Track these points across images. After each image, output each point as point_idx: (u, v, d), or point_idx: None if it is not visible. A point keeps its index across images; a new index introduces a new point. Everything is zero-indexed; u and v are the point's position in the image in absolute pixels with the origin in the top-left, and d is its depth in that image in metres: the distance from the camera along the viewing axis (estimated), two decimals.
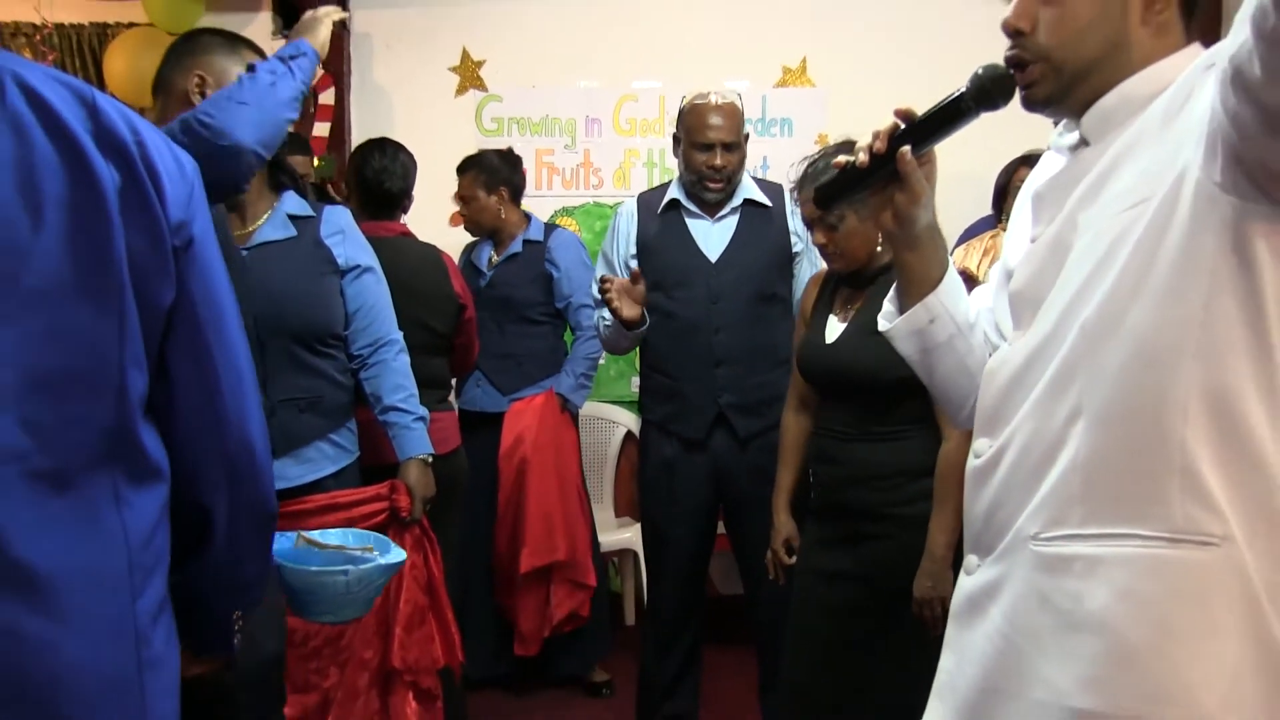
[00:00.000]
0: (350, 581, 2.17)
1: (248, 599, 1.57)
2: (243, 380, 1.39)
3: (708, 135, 3.04)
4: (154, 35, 4.51)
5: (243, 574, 1.51)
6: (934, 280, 1.50)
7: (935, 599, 2.27)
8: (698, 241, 3.11)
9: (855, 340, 2.43)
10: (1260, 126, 1.04)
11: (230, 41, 2.03)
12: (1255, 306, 1.13)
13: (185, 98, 1.95)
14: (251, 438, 1.41)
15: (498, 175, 3.84)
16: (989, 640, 1.30)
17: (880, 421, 2.40)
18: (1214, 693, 1.13)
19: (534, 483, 3.66)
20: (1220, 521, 1.15)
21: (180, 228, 1.27)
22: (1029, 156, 3.95)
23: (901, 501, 2.36)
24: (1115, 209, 1.22)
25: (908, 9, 4.63)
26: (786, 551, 2.66)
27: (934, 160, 1.48)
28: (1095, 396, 1.21)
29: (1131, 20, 1.27)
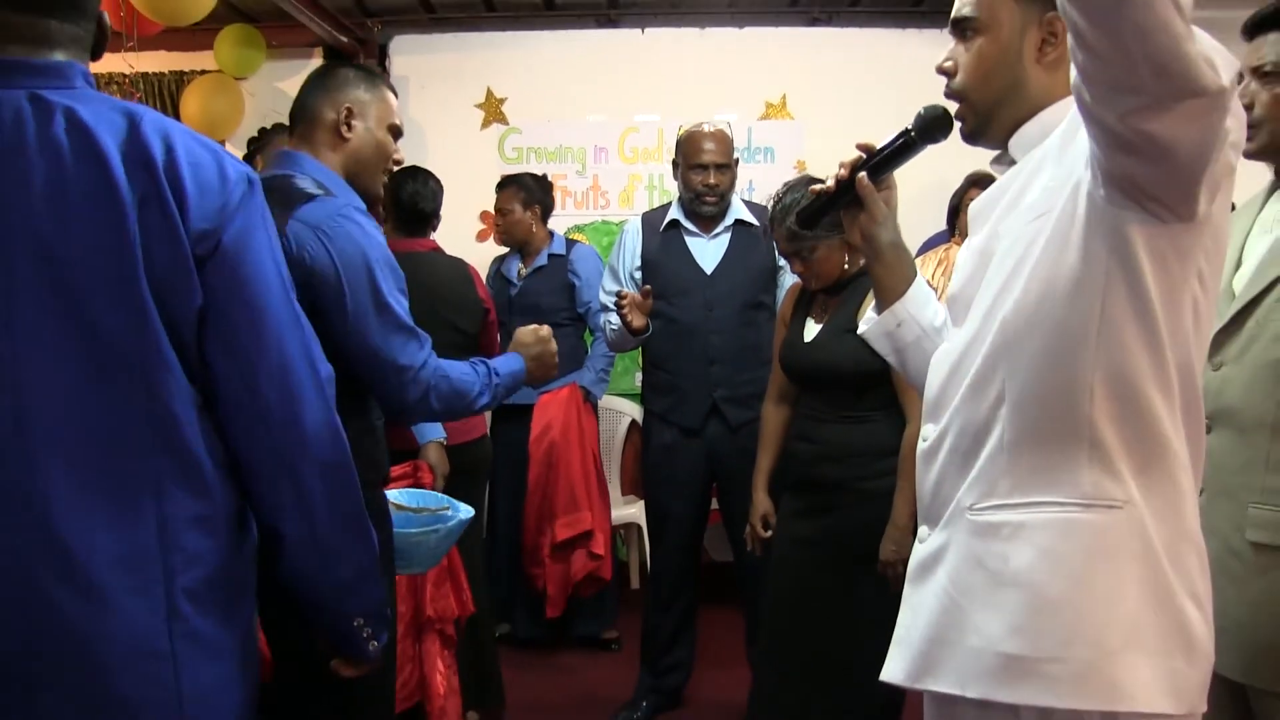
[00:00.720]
0: (440, 538, 2.17)
1: (357, 605, 1.42)
2: (290, 375, 1.28)
3: (702, 157, 3.09)
4: (223, 81, 4.56)
5: (337, 576, 1.37)
6: (900, 290, 1.52)
7: (898, 561, 2.27)
8: (695, 257, 3.14)
9: (830, 339, 2.46)
10: (1103, 145, 1.07)
11: (370, 77, 1.96)
12: (1142, 300, 1.15)
13: (334, 126, 1.88)
14: (304, 433, 1.29)
15: (533, 194, 3.87)
16: (935, 597, 1.31)
17: (851, 407, 2.42)
18: (1118, 633, 1.16)
19: (561, 464, 3.69)
20: (1124, 487, 1.18)
21: (205, 236, 1.20)
22: (979, 179, 3.97)
23: (868, 476, 2.37)
24: (1026, 219, 1.24)
25: (875, 51, 4.65)
26: (763, 526, 2.69)
27: (894, 187, 1.52)
28: (1015, 383, 1.23)
29: (1027, 61, 1.30)
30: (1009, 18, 1.30)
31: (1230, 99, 1.00)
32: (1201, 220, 1.12)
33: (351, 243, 1.72)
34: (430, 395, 1.79)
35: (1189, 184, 1.07)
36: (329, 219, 1.72)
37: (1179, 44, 0.94)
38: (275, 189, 1.75)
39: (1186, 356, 1.19)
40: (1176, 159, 1.03)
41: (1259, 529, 1.59)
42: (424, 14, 4.70)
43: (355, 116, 1.90)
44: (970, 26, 1.33)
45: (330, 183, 1.83)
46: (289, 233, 1.68)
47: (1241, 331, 1.64)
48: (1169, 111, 0.98)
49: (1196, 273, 1.16)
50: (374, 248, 1.75)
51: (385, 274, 1.75)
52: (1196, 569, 1.21)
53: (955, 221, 4.05)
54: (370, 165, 1.93)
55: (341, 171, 1.89)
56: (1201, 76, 0.96)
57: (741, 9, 4.68)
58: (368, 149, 1.91)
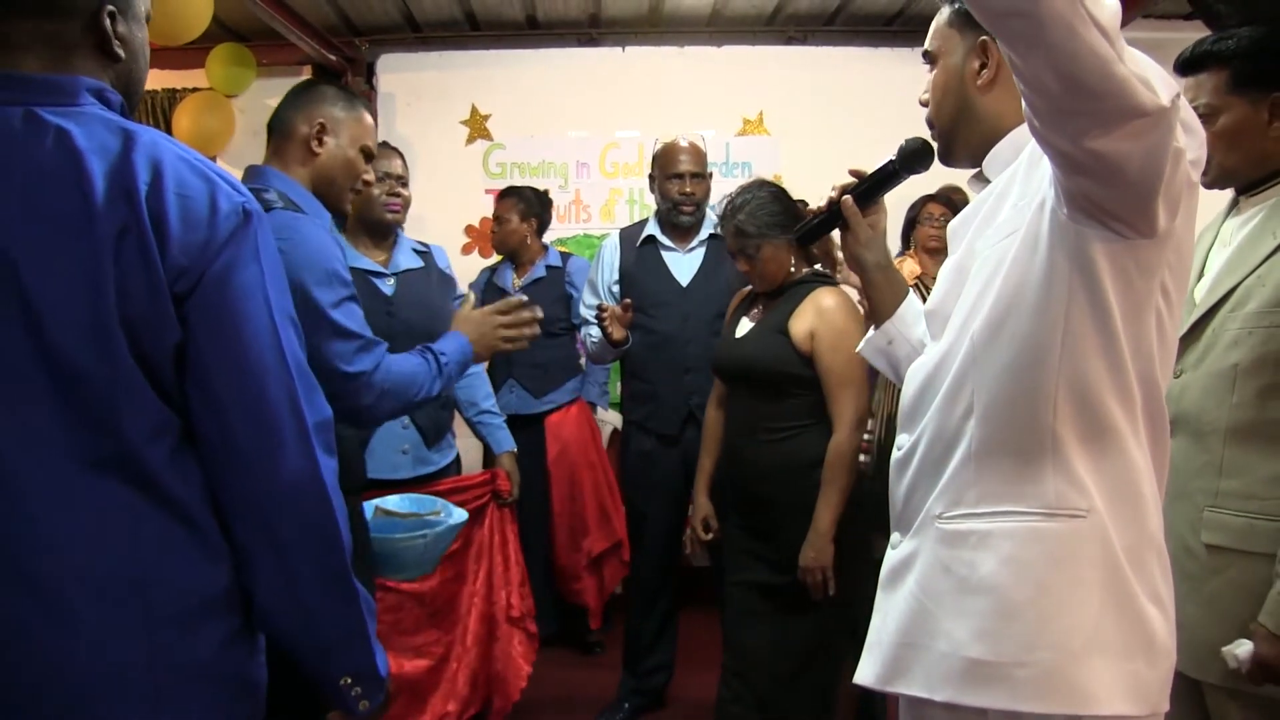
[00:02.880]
0: (428, 543, 2.17)
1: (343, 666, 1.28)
2: (268, 421, 1.17)
3: (679, 166, 3.11)
4: (215, 98, 4.54)
5: (319, 636, 1.25)
6: (890, 309, 1.57)
7: (817, 568, 2.28)
8: (671, 270, 3.15)
9: (758, 336, 2.45)
10: (1058, 166, 1.08)
11: (348, 96, 1.95)
12: (1104, 314, 1.16)
13: (305, 141, 1.88)
14: (281, 483, 1.17)
15: (532, 207, 3.88)
16: (905, 602, 1.32)
17: (775, 417, 2.39)
18: (1079, 637, 1.17)
19: (586, 482, 3.75)
20: (1086, 497, 1.19)
21: (184, 273, 1.11)
22: (934, 194, 4.01)
23: (808, 490, 2.33)
24: (997, 238, 1.26)
25: (849, 70, 4.67)
26: (704, 529, 2.68)
27: (882, 212, 1.57)
28: (983, 396, 1.24)
29: (968, 85, 1.33)
30: (953, 47, 1.35)
31: (1173, 116, 1.01)
32: (1164, 236, 1.12)
33: (292, 253, 1.68)
34: (384, 398, 1.79)
35: (1144, 201, 1.07)
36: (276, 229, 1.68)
37: (1107, 67, 0.94)
38: None
39: (1149, 368, 1.20)
40: (1127, 177, 1.04)
41: (1213, 531, 1.62)
42: (410, 33, 4.69)
43: (327, 133, 1.89)
44: (930, 58, 1.38)
45: (295, 196, 1.83)
46: None
47: (1200, 340, 1.67)
48: (1111, 133, 0.99)
49: (1160, 287, 1.17)
50: (318, 259, 1.73)
51: (325, 286, 1.73)
52: (1158, 572, 1.22)
53: (910, 235, 4.08)
54: (338, 182, 1.92)
55: (309, 186, 1.89)
56: (1136, 96, 0.96)
57: (720, 28, 4.70)
58: (336, 165, 1.91)
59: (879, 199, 1.55)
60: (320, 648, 1.26)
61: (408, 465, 2.64)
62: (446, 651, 2.68)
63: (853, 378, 2.32)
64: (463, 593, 2.70)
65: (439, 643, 2.68)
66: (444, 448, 2.73)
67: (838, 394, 2.33)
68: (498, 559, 2.74)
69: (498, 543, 2.75)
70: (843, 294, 2.40)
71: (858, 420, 2.32)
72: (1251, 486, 1.59)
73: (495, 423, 2.87)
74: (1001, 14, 0.96)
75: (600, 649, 3.91)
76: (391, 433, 2.61)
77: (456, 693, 2.67)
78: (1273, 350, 1.57)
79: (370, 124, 1.98)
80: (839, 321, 2.33)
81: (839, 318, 2.33)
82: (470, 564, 2.73)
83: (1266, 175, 1.70)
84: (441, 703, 2.66)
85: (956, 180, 3.99)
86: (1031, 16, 0.93)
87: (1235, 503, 1.60)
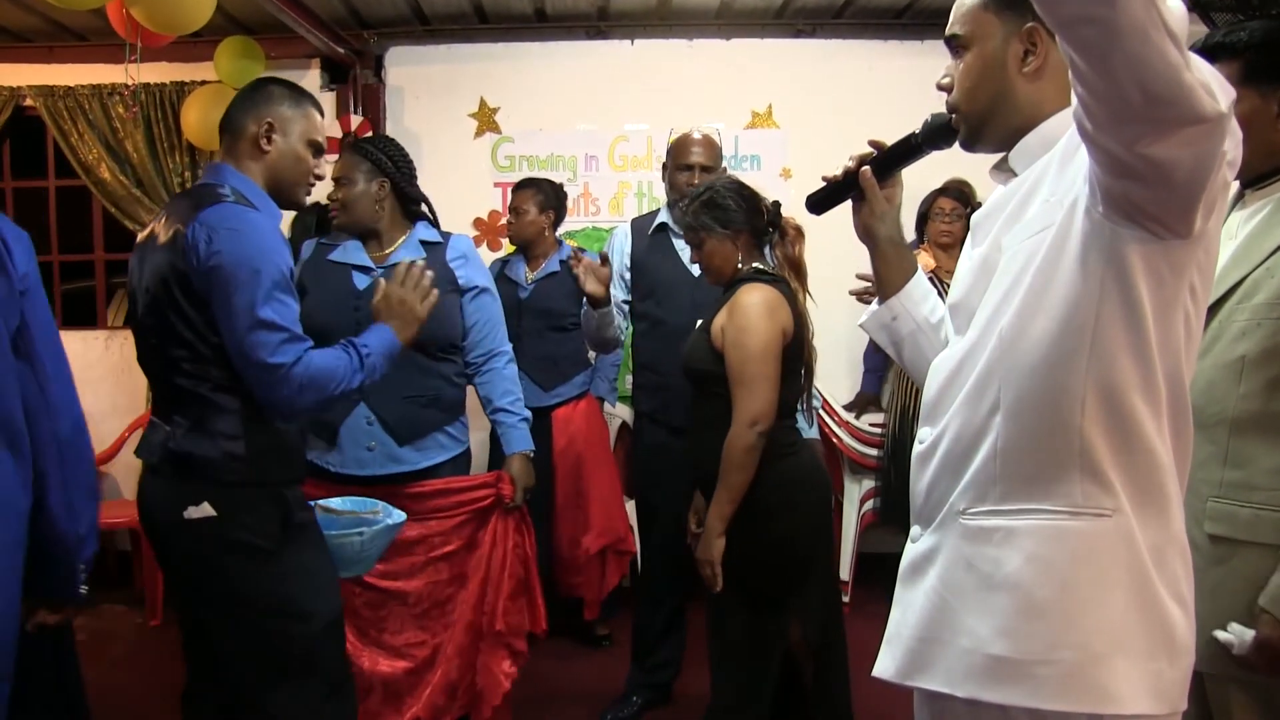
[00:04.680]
0: (364, 541, 2.18)
1: (86, 553, 1.80)
2: (68, 381, 1.80)
3: (689, 158, 3.10)
4: (223, 91, 4.51)
5: (77, 530, 1.76)
6: (898, 285, 1.55)
7: (705, 561, 2.31)
8: (683, 259, 3.11)
9: (695, 334, 2.46)
10: (1104, 168, 1.06)
11: (295, 95, 2.02)
12: (1135, 313, 1.15)
13: (254, 140, 1.96)
14: (80, 423, 1.80)
15: (549, 200, 3.85)
16: (926, 597, 1.31)
17: (709, 415, 2.38)
18: (1103, 637, 1.16)
19: (590, 476, 3.73)
20: (1112, 496, 1.18)
21: (25, 277, 1.72)
22: (946, 188, 4.00)
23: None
24: (1025, 234, 1.25)
25: (858, 62, 4.66)
26: (695, 522, 2.68)
27: (899, 186, 1.56)
28: (1010, 393, 1.23)
29: (1011, 72, 1.30)
30: (992, 32, 1.31)
31: (1229, 123, 1.00)
32: (1198, 236, 1.11)
33: (231, 245, 1.80)
34: (301, 392, 1.85)
35: (1188, 204, 1.06)
36: (221, 220, 1.82)
37: (1176, 74, 0.93)
38: (194, 194, 1.89)
39: (1176, 367, 1.19)
40: (1175, 181, 1.03)
41: (1216, 522, 1.62)
42: (419, 26, 4.68)
43: (275, 131, 1.97)
44: (959, 43, 1.34)
45: (246, 190, 1.92)
46: (188, 235, 1.80)
47: (1206, 332, 1.66)
48: (1169, 138, 0.98)
49: (1189, 286, 1.16)
50: (252, 252, 1.82)
51: (257, 278, 1.81)
52: (1181, 571, 1.21)
53: (923, 228, 4.07)
54: (288, 178, 2.00)
55: (262, 182, 1.97)
56: (1201, 104, 0.95)
57: (728, 21, 4.67)
58: (286, 162, 1.99)
59: (897, 173, 1.54)
60: (75, 541, 1.79)
61: (376, 462, 2.56)
62: (432, 655, 2.61)
63: (750, 376, 2.28)
64: (457, 597, 2.62)
65: (424, 645, 2.61)
66: (427, 447, 2.61)
67: (735, 391, 2.30)
68: (495, 567, 2.63)
69: (497, 551, 2.64)
70: (766, 291, 2.34)
71: (752, 419, 2.27)
72: (1256, 477, 1.59)
73: (509, 422, 2.74)
74: (1073, 20, 0.94)
75: (608, 642, 3.91)
76: (356, 428, 2.55)
77: (433, 700, 2.59)
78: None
79: (318, 120, 2.05)
80: (743, 319, 2.30)
81: (745, 315, 2.30)
82: (470, 569, 2.64)
83: (1273, 168, 1.69)
84: (416, 708, 2.57)
85: (961, 172, 3.98)
86: (1107, 24, 0.91)
87: (1240, 493, 1.61)
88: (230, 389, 1.88)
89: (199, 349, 1.86)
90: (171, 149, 4.67)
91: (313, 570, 2.00)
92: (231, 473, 1.88)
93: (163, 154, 4.68)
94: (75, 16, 4.35)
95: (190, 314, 1.84)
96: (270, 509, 1.93)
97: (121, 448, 4.60)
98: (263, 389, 1.86)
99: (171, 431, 1.90)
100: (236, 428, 1.89)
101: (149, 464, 1.96)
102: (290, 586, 1.93)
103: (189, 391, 1.89)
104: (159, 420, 1.95)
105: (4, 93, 4.70)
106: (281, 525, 1.94)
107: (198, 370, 1.87)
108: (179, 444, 1.88)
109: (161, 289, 1.86)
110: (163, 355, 1.90)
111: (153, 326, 1.90)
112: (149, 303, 1.89)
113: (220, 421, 1.88)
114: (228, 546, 1.88)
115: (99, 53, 4.63)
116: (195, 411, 1.89)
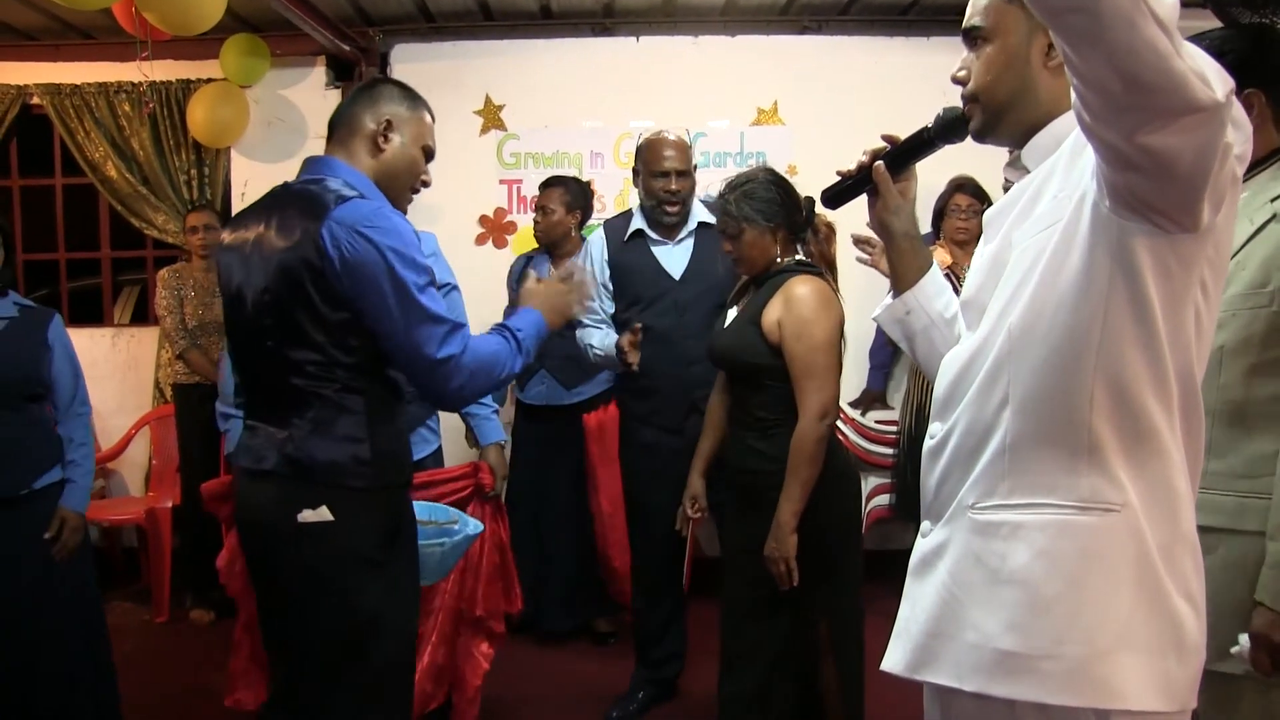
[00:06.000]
0: (445, 551, 2.19)
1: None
2: None
3: (664, 164, 3.05)
4: (228, 89, 4.55)
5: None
6: (912, 279, 1.56)
7: (779, 558, 2.27)
8: (662, 263, 3.11)
9: (736, 327, 2.45)
10: (1107, 161, 1.06)
11: (411, 96, 1.98)
12: (1144, 308, 1.14)
13: (371, 136, 1.90)
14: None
15: (577, 199, 3.85)
16: (935, 592, 1.31)
17: (758, 408, 2.39)
18: (1109, 633, 1.15)
19: None
20: (1121, 492, 1.17)
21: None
22: (962, 183, 3.98)
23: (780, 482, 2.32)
24: (1035, 230, 1.24)
25: (863, 59, 4.65)
26: (692, 507, 2.67)
27: (913, 179, 1.56)
28: (1019, 388, 1.23)
29: (1035, 65, 1.30)
30: (1015, 24, 1.30)
31: (1226, 112, 0.99)
32: (1206, 230, 1.11)
33: (379, 241, 1.73)
34: (470, 382, 1.83)
35: (1192, 196, 1.06)
36: (364, 219, 1.75)
37: (1166, 62, 0.93)
38: (309, 192, 1.80)
39: (1187, 363, 1.18)
40: (1178, 173, 1.02)
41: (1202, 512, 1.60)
42: (424, 23, 4.68)
43: (394, 130, 1.91)
44: (979, 35, 1.33)
45: (362, 186, 1.84)
46: (324, 235, 1.71)
47: None
48: (1165, 128, 0.97)
49: (1199, 281, 1.16)
50: (400, 245, 1.76)
51: (410, 270, 1.75)
52: (1191, 569, 1.20)
53: (940, 224, 4.05)
54: (400, 179, 1.94)
55: (374, 179, 1.90)
56: (1194, 92, 0.95)
57: (733, 18, 4.67)
58: (401, 163, 1.93)
59: (910, 166, 1.54)
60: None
61: None
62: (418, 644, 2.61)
63: (816, 367, 2.29)
64: (436, 587, 2.64)
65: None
66: (416, 441, 2.66)
67: (801, 384, 2.31)
68: (473, 554, 2.67)
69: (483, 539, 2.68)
70: (817, 283, 2.36)
71: (822, 411, 2.28)
72: (1240, 466, 1.61)
73: (482, 414, 2.80)
74: (1061, 9, 0.94)
75: (613, 640, 3.91)
76: None
77: (422, 686, 2.59)
78: (1257, 331, 1.60)
79: (431, 124, 2.00)
80: (804, 311, 2.30)
81: (805, 307, 2.30)
82: None
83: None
84: None
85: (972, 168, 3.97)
86: (1092, 12, 0.91)
87: (1225, 483, 1.62)
88: (356, 390, 1.81)
89: (329, 350, 1.78)
90: (178, 147, 4.69)
91: (406, 587, 1.94)
92: (357, 477, 1.81)
93: (169, 151, 4.69)
94: (82, 15, 4.36)
95: (325, 314, 1.76)
96: (383, 517, 1.86)
97: (128, 445, 4.62)
98: (434, 383, 1.81)
99: (290, 435, 1.80)
100: (362, 430, 1.81)
101: (254, 470, 1.86)
102: (388, 602, 1.85)
103: (310, 393, 1.80)
104: (261, 423, 1.87)
105: (11, 91, 4.72)
106: (391, 536, 1.88)
107: (323, 372, 1.79)
108: (299, 447, 1.79)
109: (289, 289, 1.76)
110: (281, 357, 1.80)
111: (272, 328, 1.80)
112: (267, 303, 1.80)
113: (346, 424, 1.80)
114: (337, 555, 1.80)
115: (106, 51, 4.65)
116: (317, 414, 1.80)
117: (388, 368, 1.85)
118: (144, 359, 4.87)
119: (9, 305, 2.62)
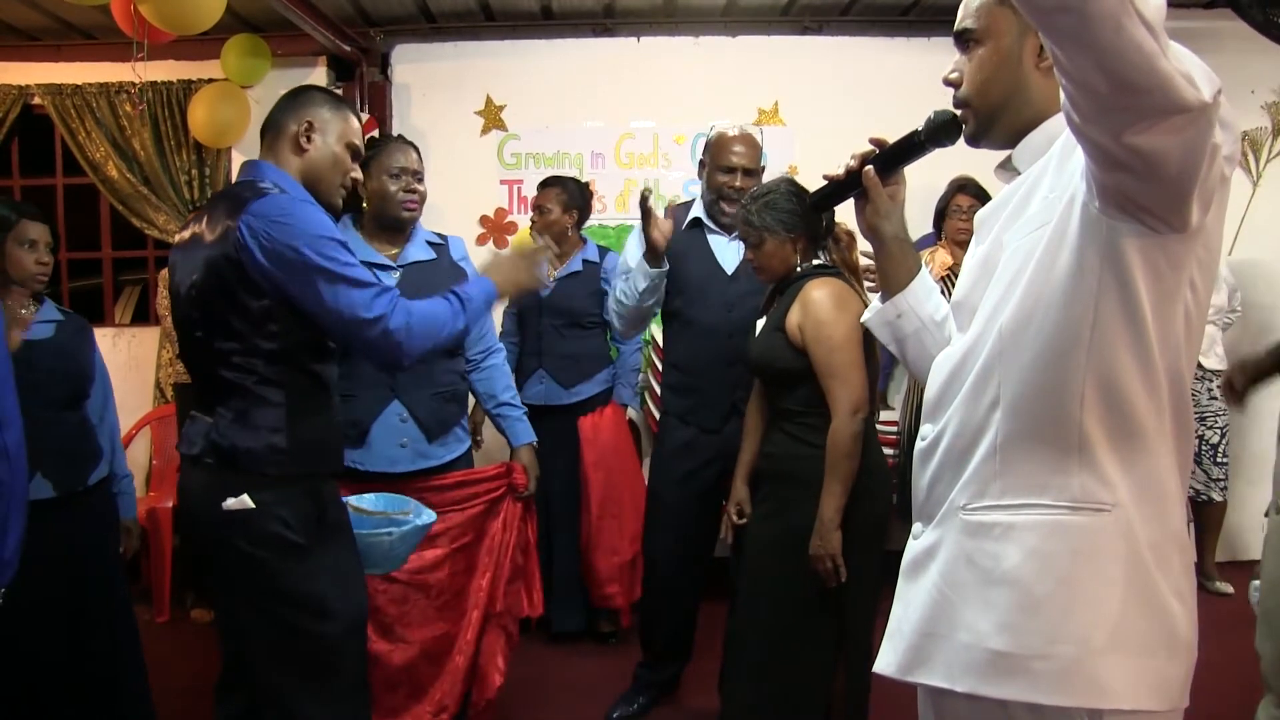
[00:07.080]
0: (393, 541, 2.21)
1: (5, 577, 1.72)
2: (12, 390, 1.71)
3: (731, 159, 3.00)
4: (229, 89, 4.55)
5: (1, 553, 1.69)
6: (902, 283, 1.55)
7: (825, 556, 2.28)
8: (717, 256, 3.06)
9: (764, 335, 2.50)
10: (1096, 162, 1.06)
11: (334, 100, 2.09)
12: (1134, 308, 1.15)
13: (294, 138, 2.01)
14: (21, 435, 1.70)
15: (574, 199, 3.85)
16: (927, 592, 1.32)
17: (786, 406, 2.44)
18: (1102, 632, 1.16)
19: (623, 485, 3.78)
20: (1112, 491, 1.18)
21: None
22: (963, 184, 3.98)
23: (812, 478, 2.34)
24: (1025, 231, 1.25)
25: (864, 59, 4.66)
26: (737, 514, 2.68)
27: (902, 183, 1.55)
28: (1010, 388, 1.23)
29: (1027, 67, 1.31)
30: (1007, 26, 1.30)
31: (1214, 113, 0.99)
32: (1195, 230, 1.11)
33: (291, 227, 1.84)
34: (409, 338, 1.91)
35: (1181, 197, 1.06)
36: (277, 210, 1.86)
37: (1152, 62, 0.93)
38: (236, 192, 1.93)
39: (1177, 363, 1.18)
40: (1166, 173, 1.03)
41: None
42: (425, 23, 4.69)
43: (315, 131, 2.03)
44: (971, 37, 1.34)
45: (287, 185, 1.96)
46: (242, 228, 1.83)
47: None
48: (1153, 128, 0.98)
49: (1189, 281, 1.16)
50: (313, 229, 1.87)
51: (326, 247, 1.86)
52: (1180, 568, 1.21)
53: (942, 224, 4.05)
54: (327, 176, 2.06)
55: (300, 179, 2.01)
56: (1180, 92, 0.95)
57: (734, 18, 4.68)
58: (325, 161, 2.05)
59: (900, 170, 1.53)
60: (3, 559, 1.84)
61: (406, 459, 2.65)
62: (451, 645, 2.69)
63: (838, 366, 2.32)
64: (470, 586, 2.70)
65: (445, 636, 2.69)
66: (449, 442, 2.73)
67: (827, 384, 2.34)
68: (502, 553, 2.73)
69: (508, 538, 2.74)
70: (834, 284, 2.38)
71: (853, 407, 2.31)
72: None
73: (514, 415, 2.84)
74: (1048, 10, 0.94)
75: (615, 639, 3.91)
76: (389, 426, 2.63)
77: (456, 686, 2.67)
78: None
79: (356, 125, 2.12)
80: (820, 313, 2.33)
81: (821, 309, 2.34)
82: (482, 557, 2.72)
83: None
84: (442, 694, 2.66)
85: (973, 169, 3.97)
86: (1079, 13, 0.91)
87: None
88: (275, 382, 1.91)
89: (250, 340, 1.88)
90: (179, 147, 4.70)
91: (342, 570, 2.02)
92: (273, 465, 1.90)
93: (170, 152, 4.70)
94: (83, 15, 4.37)
95: (247, 304, 1.86)
96: (306, 504, 1.95)
97: (129, 445, 4.62)
98: (373, 342, 1.89)
99: (214, 423, 1.92)
100: (280, 421, 1.91)
101: (189, 456, 1.97)
102: (319, 584, 1.94)
103: (234, 384, 1.90)
104: (199, 413, 1.97)
105: (12, 92, 4.73)
106: (316, 522, 1.96)
107: (245, 363, 1.89)
108: (222, 435, 1.90)
109: (213, 283, 1.87)
110: (209, 348, 1.91)
111: (200, 320, 1.92)
112: (195, 297, 1.91)
113: (264, 414, 1.90)
114: (262, 540, 1.89)
115: (107, 51, 4.67)
116: (239, 404, 1.91)
117: (313, 361, 1.95)
118: (145, 359, 4.88)
119: (51, 309, 2.70)
